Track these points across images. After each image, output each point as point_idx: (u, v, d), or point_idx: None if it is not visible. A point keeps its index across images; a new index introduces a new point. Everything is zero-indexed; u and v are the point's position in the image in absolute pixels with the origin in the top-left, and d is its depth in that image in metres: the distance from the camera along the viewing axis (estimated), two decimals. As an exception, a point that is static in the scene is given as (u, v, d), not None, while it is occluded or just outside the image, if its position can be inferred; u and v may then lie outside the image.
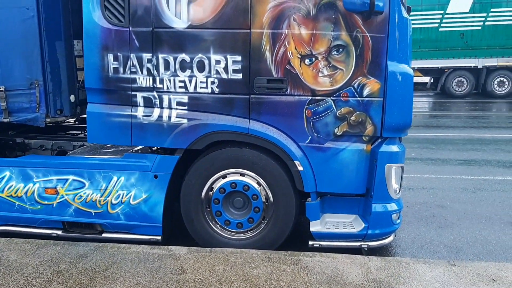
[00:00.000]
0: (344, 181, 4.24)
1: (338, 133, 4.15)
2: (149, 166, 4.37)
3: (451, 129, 12.21)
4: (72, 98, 4.61)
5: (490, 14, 18.50)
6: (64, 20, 4.48)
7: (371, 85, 4.06)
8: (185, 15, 4.14)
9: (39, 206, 4.59)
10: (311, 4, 3.99)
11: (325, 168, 4.19)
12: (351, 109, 4.11)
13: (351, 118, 4.12)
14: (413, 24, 15.79)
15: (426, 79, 20.65)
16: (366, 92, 4.07)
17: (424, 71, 19.93)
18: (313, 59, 4.06)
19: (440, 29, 19.21)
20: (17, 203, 4.63)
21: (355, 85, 4.07)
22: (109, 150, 4.85)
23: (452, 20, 18.90)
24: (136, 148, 4.70)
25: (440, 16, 19.07)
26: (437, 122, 13.59)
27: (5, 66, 4.42)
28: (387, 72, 4.01)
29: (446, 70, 19.56)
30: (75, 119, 5.45)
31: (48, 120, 4.53)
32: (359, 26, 3.98)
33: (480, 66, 18.98)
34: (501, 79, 19.15)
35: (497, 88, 19.25)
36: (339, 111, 4.12)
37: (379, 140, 4.18)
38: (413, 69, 15.62)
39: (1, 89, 4.44)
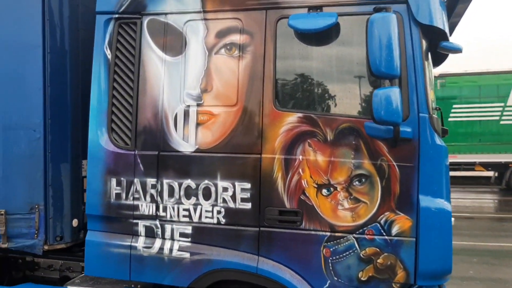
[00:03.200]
0: (371, 337, 3.50)
1: (362, 278, 3.49)
2: (147, 305, 3.87)
3: (519, 237, 10.92)
4: (74, 222, 4.30)
5: (556, 106, 17.39)
6: (72, 140, 4.29)
7: (401, 222, 3.44)
8: (193, 138, 3.82)
9: None
10: (329, 129, 3.55)
11: (347, 321, 3.50)
12: (378, 249, 3.47)
13: (378, 261, 3.47)
14: (472, 117, 15.07)
15: (490, 174, 19.33)
16: (395, 230, 3.44)
17: (486, 165, 18.66)
18: (331, 189, 3.54)
19: (501, 122, 18.17)
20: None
21: (382, 222, 3.47)
22: (110, 279, 4.39)
23: (514, 113, 17.91)
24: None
25: (501, 109, 18.13)
26: (502, 227, 12.28)
27: (8, 188, 4.24)
28: (419, 207, 3.40)
29: (510, 165, 18.20)
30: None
31: (46, 247, 4.21)
32: (384, 154, 3.46)
33: (548, 162, 17.54)
34: None
35: None
36: (363, 252, 3.49)
37: (414, 288, 3.47)
38: (474, 163, 14.38)
39: (2, 212, 4.20)
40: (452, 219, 3.60)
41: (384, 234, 3.46)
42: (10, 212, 4.22)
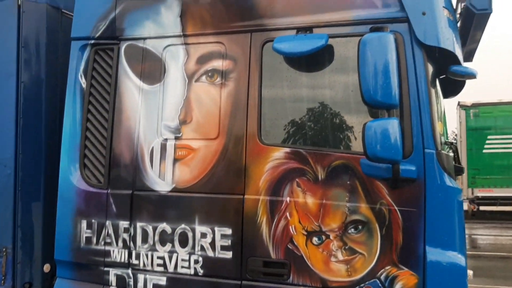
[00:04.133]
0: None
1: None
2: None
3: None
4: (46, 268, 3.88)
5: None
6: (46, 177, 3.91)
7: (405, 279, 2.88)
8: (170, 176, 3.40)
9: None
10: (320, 166, 3.06)
11: None
12: (378, 311, 2.92)
13: (378, 325, 2.91)
14: (508, 148, 14.02)
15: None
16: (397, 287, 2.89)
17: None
18: (323, 237, 3.02)
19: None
20: None
21: (382, 277, 2.91)
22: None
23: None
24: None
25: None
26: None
27: (-24, 229, 3.87)
28: (426, 261, 2.83)
29: (551, 200, 17.01)
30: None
31: (13, 295, 3.81)
32: (384, 197, 2.93)
33: None
34: None
35: None
36: (360, 313, 2.94)
37: None
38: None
39: (-32, 256, 3.85)
40: (470, 272, 3.04)
41: (385, 292, 2.90)
42: (-22, 256, 3.86)
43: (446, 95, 4.04)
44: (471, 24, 3.59)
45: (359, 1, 3.10)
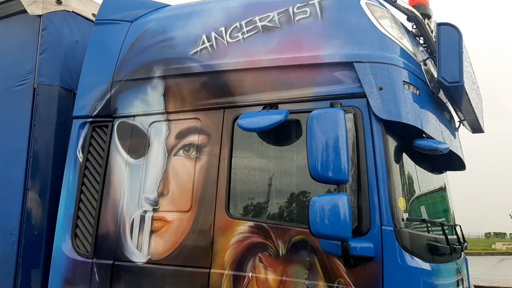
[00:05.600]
0: None
1: None
2: None
3: None
4: None
5: None
6: (47, 245, 4.13)
7: None
8: (146, 247, 3.50)
9: None
10: (281, 241, 3.02)
11: None
12: None
13: None
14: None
15: None
16: None
17: None
18: (282, 317, 2.92)
19: None
20: None
21: None
22: None
23: None
24: None
25: None
26: None
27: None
28: None
29: None
30: None
31: None
32: (342, 276, 2.82)
33: None
34: None
35: None
36: None
37: None
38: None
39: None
40: None
41: None
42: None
43: (454, 169, 3.97)
44: (453, 97, 3.50)
45: (320, 78, 3.16)
